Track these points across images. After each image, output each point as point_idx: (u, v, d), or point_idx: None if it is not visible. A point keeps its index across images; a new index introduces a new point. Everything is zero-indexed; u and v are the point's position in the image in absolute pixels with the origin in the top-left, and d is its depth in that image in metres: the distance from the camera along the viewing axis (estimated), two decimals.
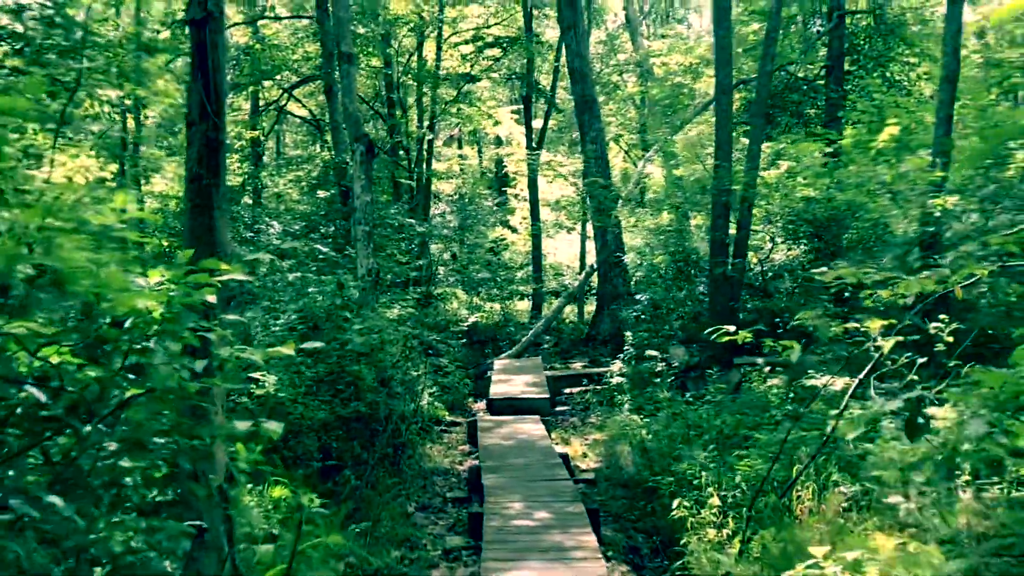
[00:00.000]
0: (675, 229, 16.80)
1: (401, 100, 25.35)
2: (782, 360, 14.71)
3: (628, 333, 14.30)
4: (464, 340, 16.95)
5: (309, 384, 10.11)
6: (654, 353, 13.72)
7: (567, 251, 29.41)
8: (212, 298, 4.69)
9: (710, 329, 6.94)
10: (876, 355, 6.62)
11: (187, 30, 6.26)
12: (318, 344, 5.07)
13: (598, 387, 14.87)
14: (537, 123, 25.85)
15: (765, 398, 12.31)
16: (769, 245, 14.27)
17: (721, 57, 13.09)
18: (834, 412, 8.10)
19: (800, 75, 19.94)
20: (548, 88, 25.78)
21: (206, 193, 6.10)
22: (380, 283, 14.01)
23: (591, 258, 24.90)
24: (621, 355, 14.12)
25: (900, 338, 6.56)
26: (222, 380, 5.58)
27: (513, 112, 26.79)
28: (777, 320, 12.82)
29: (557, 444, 11.95)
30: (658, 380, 13.31)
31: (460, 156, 30.33)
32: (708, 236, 16.68)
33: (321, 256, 14.22)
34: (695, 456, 8.88)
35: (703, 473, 8.29)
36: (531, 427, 12.30)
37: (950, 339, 8.08)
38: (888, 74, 19.28)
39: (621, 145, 30.20)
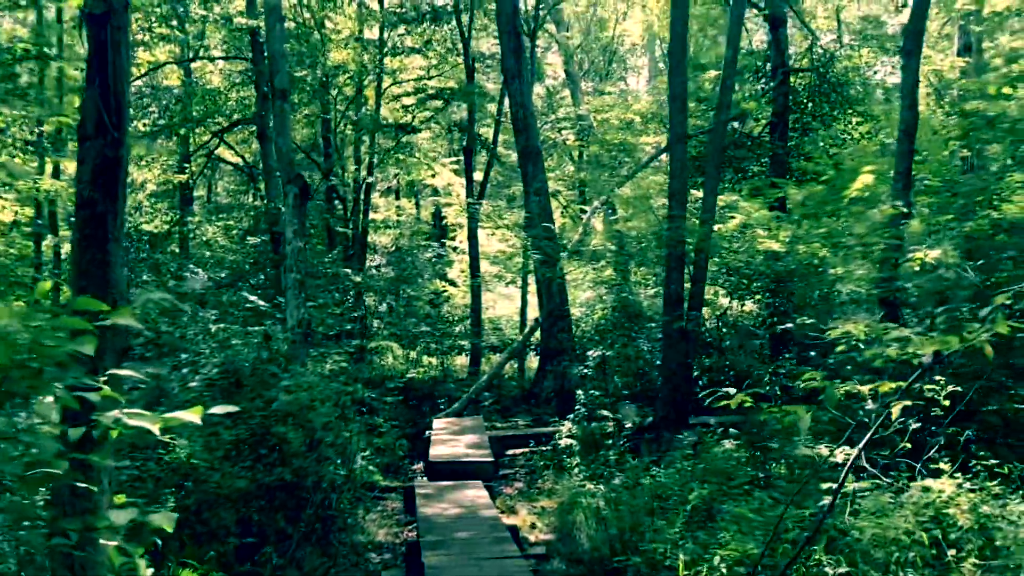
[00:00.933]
0: (616, 282, 15.98)
1: (338, 148, 24.32)
2: (737, 420, 13.87)
3: (579, 392, 13.28)
4: (400, 397, 15.71)
5: (228, 447, 8.82)
6: (605, 413, 12.73)
7: (507, 305, 28.43)
8: (89, 348, 3.69)
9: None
10: (878, 421, 5.71)
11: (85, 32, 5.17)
12: (231, 408, 3.97)
13: (545, 448, 13.76)
14: (478, 175, 25.03)
15: (725, 463, 11.39)
16: (724, 300, 13.49)
17: (675, 106, 12.40)
18: (826, 486, 7.18)
19: (745, 132, 19.51)
20: (490, 139, 25.02)
21: (99, 221, 4.98)
22: (312, 335, 12.77)
23: (532, 312, 23.97)
24: (571, 415, 13.08)
25: (908, 402, 5.69)
26: (102, 455, 4.36)
27: (453, 163, 25.93)
28: (735, 376, 12.01)
29: (503, 513, 10.79)
30: (610, 442, 12.30)
31: (398, 208, 29.32)
32: (656, 290, 15.91)
33: (248, 305, 12.94)
34: (664, 531, 7.84)
35: (677, 553, 7.24)
36: (474, 494, 11.12)
37: (947, 403, 7.29)
38: (833, 132, 18.96)
39: (560, 200, 29.55)
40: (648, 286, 19.25)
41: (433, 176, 26.02)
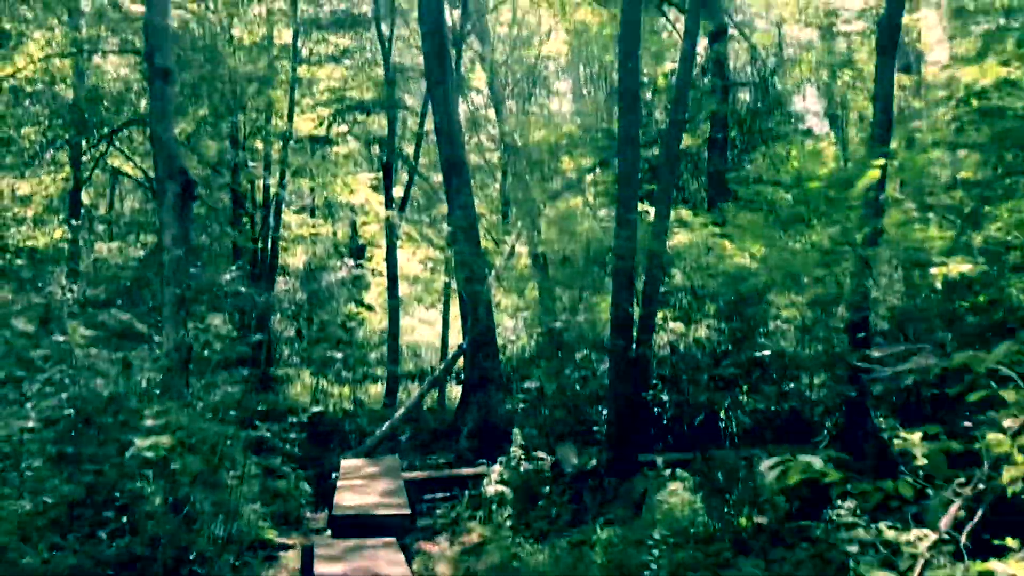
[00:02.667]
0: (545, 307, 14.02)
1: (246, 161, 21.81)
2: (685, 458, 11.95)
3: (515, 430, 11.16)
4: (304, 435, 13.31)
5: (55, 515, 6.43)
6: (541, 455, 10.66)
7: (428, 331, 26.08)
8: None
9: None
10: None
11: None
12: None
13: (472, 492, 11.57)
14: (398, 191, 22.87)
15: (677, 514, 9.46)
16: (673, 325, 11.60)
17: (626, 103, 10.55)
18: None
19: (681, 148, 17.87)
20: (411, 156, 22.90)
21: None
22: (194, 361, 10.37)
23: (455, 338, 21.84)
24: (502, 458, 10.97)
25: None
26: None
27: (372, 180, 23.66)
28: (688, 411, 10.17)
29: None
30: (547, 488, 10.23)
31: (312, 226, 26.82)
32: (584, 316, 13.97)
33: (117, 327, 10.49)
34: None
35: None
36: (386, 556, 8.88)
37: None
38: (772, 151, 17.46)
39: (484, 223, 27.54)
40: (577, 313, 17.34)
41: (350, 192, 23.64)
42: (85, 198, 23.24)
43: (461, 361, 17.08)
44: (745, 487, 10.16)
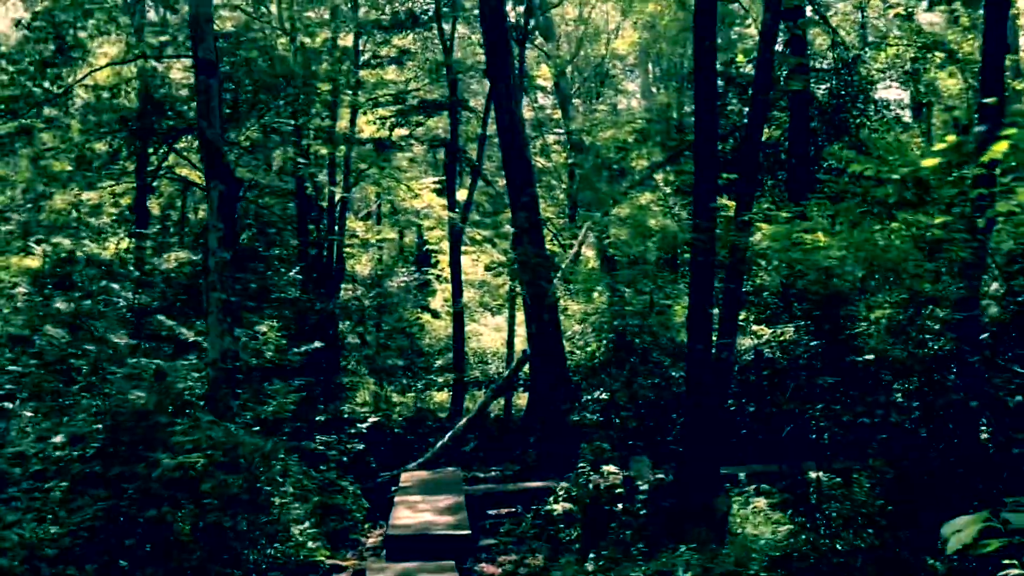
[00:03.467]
0: (614, 311, 12.95)
1: (310, 167, 21.30)
2: (769, 471, 10.82)
3: (583, 445, 10.17)
4: (362, 446, 12.58)
5: (68, 542, 5.72)
6: (613, 470, 9.66)
7: (494, 337, 25.20)
8: None
9: None
10: None
11: None
12: None
13: (539, 507, 10.61)
14: (462, 194, 22.12)
15: (765, 537, 8.38)
16: (755, 327, 10.45)
17: (703, 83, 9.47)
18: None
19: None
20: (475, 158, 22.11)
21: None
22: (241, 371, 9.69)
23: (521, 345, 20.94)
24: (570, 474, 9.99)
25: None
26: None
27: (436, 183, 22.96)
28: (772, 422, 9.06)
29: None
30: (619, 507, 9.22)
31: (378, 230, 26.25)
32: (657, 318, 12.89)
33: (165, 333, 9.88)
34: None
35: None
36: None
37: None
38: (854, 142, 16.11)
39: (551, 228, 26.61)
40: (649, 316, 16.26)
41: (414, 197, 22.99)
42: (154, 208, 23.12)
43: (527, 368, 16.16)
44: (841, 506, 9.03)
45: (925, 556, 6.85)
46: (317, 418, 13.20)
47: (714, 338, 9.52)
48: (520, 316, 21.34)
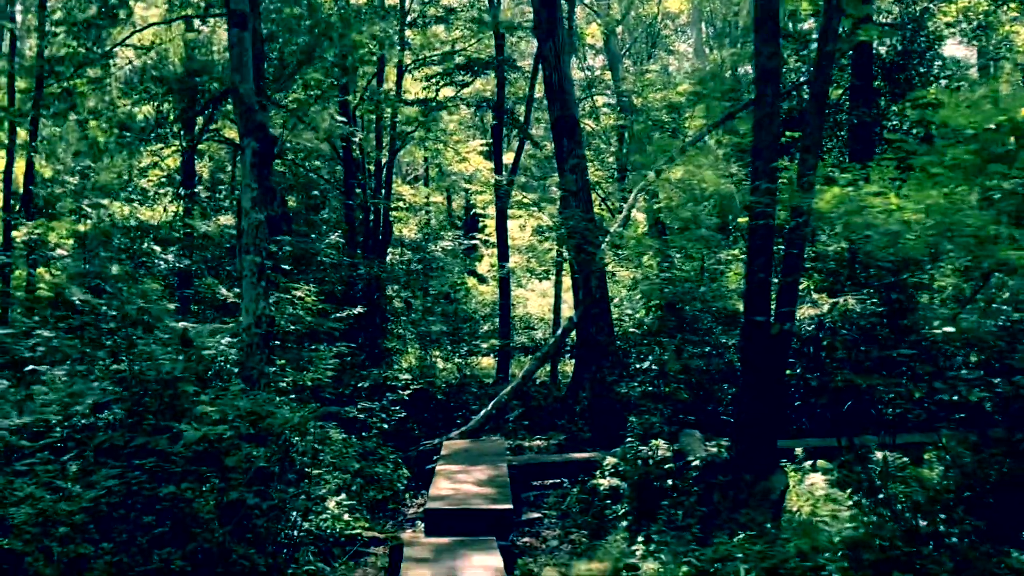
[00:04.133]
0: (665, 275, 12.24)
1: (356, 130, 20.78)
2: (828, 445, 10.15)
3: (631, 418, 9.58)
4: (403, 413, 12.17)
5: (81, 519, 5.34)
6: (662, 444, 9.08)
7: (540, 302, 24.63)
8: None
9: None
10: None
11: None
12: None
13: (583, 482, 10.11)
14: (508, 157, 21.48)
15: (827, 531, 7.73)
16: (816, 295, 9.69)
17: (763, 33, 8.68)
18: None
19: None
20: (521, 118, 21.40)
21: None
22: (277, 336, 9.30)
23: (568, 311, 20.36)
24: (617, 449, 9.43)
25: None
26: None
27: (483, 145, 22.33)
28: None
29: None
30: (669, 483, 8.66)
31: (426, 194, 25.75)
32: (709, 285, 12.16)
33: (207, 294, 9.51)
34: None
35: None
36: (482, 559, 7.53)
37: None
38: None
39: (599, 192, 25.81)
40: (701, 283, 15.51)
41: (461, 161, 22.41)
42: (204, 172, 22.87)
43: (574, 334, 15.57)
44: (908, 487, 8.34)
45: (1009, 548, 6.17)
46: (360, 384, 12.83)
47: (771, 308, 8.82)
48: (567, 282, 20.72)
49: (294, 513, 6.89)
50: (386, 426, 11.78)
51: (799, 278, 8.73)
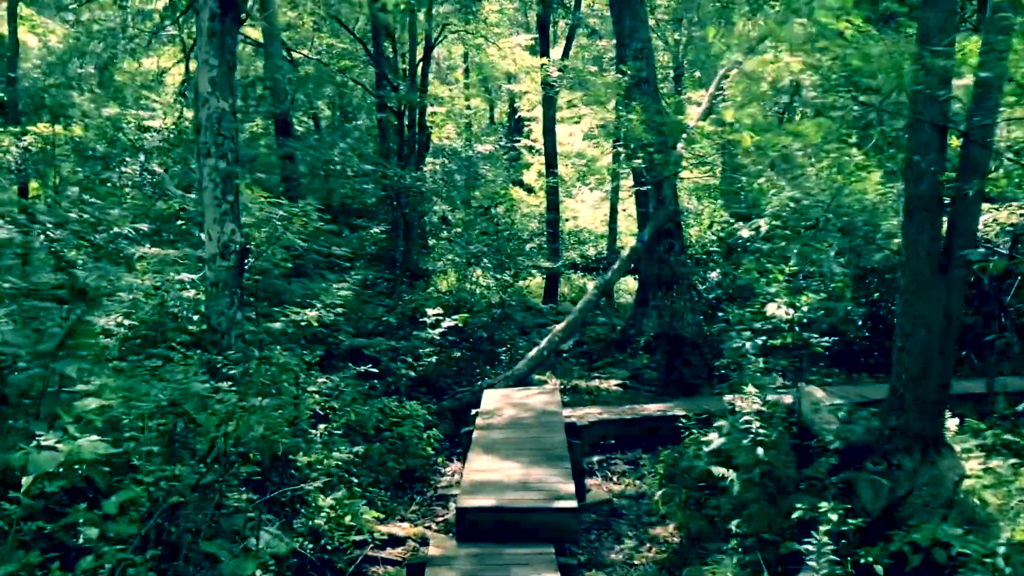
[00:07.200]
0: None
1: (388, 27, 17.60)
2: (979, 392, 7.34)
3: (747, 367, 6.68)
4: (433, 359, 9.53)
5: None
6: (773, 401, 6.33)
7: (592, 215, 21.47)
8: None
9: None
10: None
11: None
12: None
13: (664, 452, 7.41)
14: (556, 52, 18.24)
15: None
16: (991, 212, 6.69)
17: None
18: None
19: None
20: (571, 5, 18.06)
21: None
22: (252, 269, 6.64)
23: (625, 226, 17.50)
24: (695, 396, 6.66)
25: None
26: None
27: (529, 40, 19.03)
28: None
29: None
30: (791, 469, 5.94)
31: (465, 100, 22.60)
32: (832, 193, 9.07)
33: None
34: None
35: None
36: None
37: None
38: None
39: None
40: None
41: (503, 58, 19.16)
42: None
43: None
44: None
45: None
46: (385, 318, 10.22)
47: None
48: (624, 191, 17.67)
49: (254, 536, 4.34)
50: (413, 372, 9.18)
51: (980, 193, 5.76)
